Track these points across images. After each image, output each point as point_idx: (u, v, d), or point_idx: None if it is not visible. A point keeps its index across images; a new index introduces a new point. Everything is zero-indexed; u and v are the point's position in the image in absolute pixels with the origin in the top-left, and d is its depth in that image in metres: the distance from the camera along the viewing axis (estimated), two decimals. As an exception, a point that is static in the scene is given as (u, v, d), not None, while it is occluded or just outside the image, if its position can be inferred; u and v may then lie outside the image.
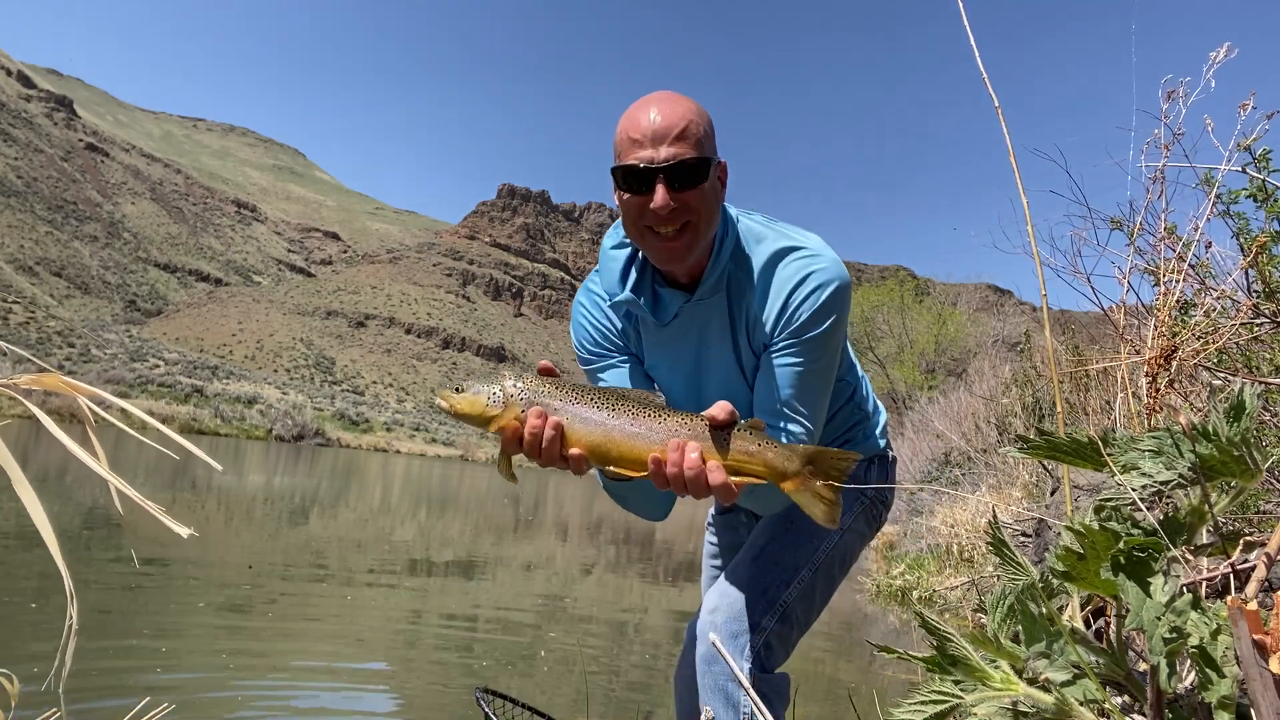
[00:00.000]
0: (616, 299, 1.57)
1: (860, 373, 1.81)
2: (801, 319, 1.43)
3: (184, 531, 0.80)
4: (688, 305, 1.53)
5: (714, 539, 2.05)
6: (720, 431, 1.22)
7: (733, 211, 1.55)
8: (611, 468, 1.23)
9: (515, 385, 1.24)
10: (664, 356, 1.62)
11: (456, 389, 1.27)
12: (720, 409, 1.22)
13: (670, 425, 1.21)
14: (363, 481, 23.57)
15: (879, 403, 1.86)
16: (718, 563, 2.03)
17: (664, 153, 1.38)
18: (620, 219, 1.58)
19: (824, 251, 1.47)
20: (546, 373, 1.29)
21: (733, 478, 1.21)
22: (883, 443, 1.79)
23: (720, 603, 1.58)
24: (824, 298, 1.43)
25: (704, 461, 1.20)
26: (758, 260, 1.49)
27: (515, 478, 1.32)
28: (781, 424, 1.45)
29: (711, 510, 2.09)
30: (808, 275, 1.44)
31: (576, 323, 1.69)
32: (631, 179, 1.41)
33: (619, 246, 1.61)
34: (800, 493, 1.23)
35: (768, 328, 1.48)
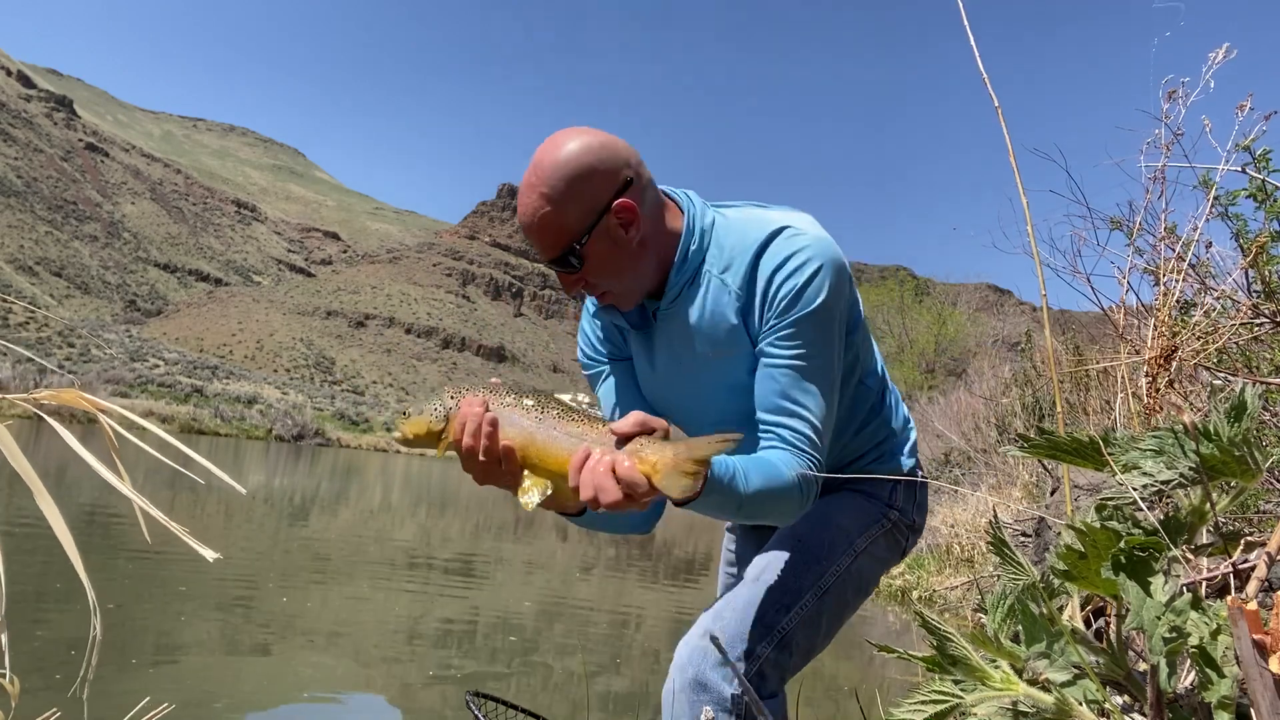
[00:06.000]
0: (596, 308, 1.55)
1: (890, 384, 1.64)
2: (784, 300, 1.33)
3: (210, 555, 0.79)
4: (661, 311, 1.46)
5: (731, 546, 1.90)
6: (624, 441, 1.14)
7: (708, 213, 1.45)
8: (533, 473, 1.20)
9: (455, 395, 1.22)
10: (650, 364, 1.55)
11: (404, 414, 1.22)
12: (626, 422, 1.13)
13: (580, 431, 1.17)
14: (363, 481, 23.57)
15: (910, 417, 1.69)
16: (733, 570, 1.88)
17: (542, 250, 1.34)
18: None
19: (810, 230, 1.37)
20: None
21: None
22: (910, 461, 1.62)
23: (713, 627, 1.45)
24: (806, 275, 1.32)
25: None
26: (741, 253, 1.39)
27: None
28: (779, 421, 1.34)
29: None
30: (791, 254, 1.34)
31: (580, 329, 1.68)
32: None
33: None
34: (663, 475, 1.11)
35: (754, 318, 1.38)
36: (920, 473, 1.62)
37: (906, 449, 1.62)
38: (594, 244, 1.33)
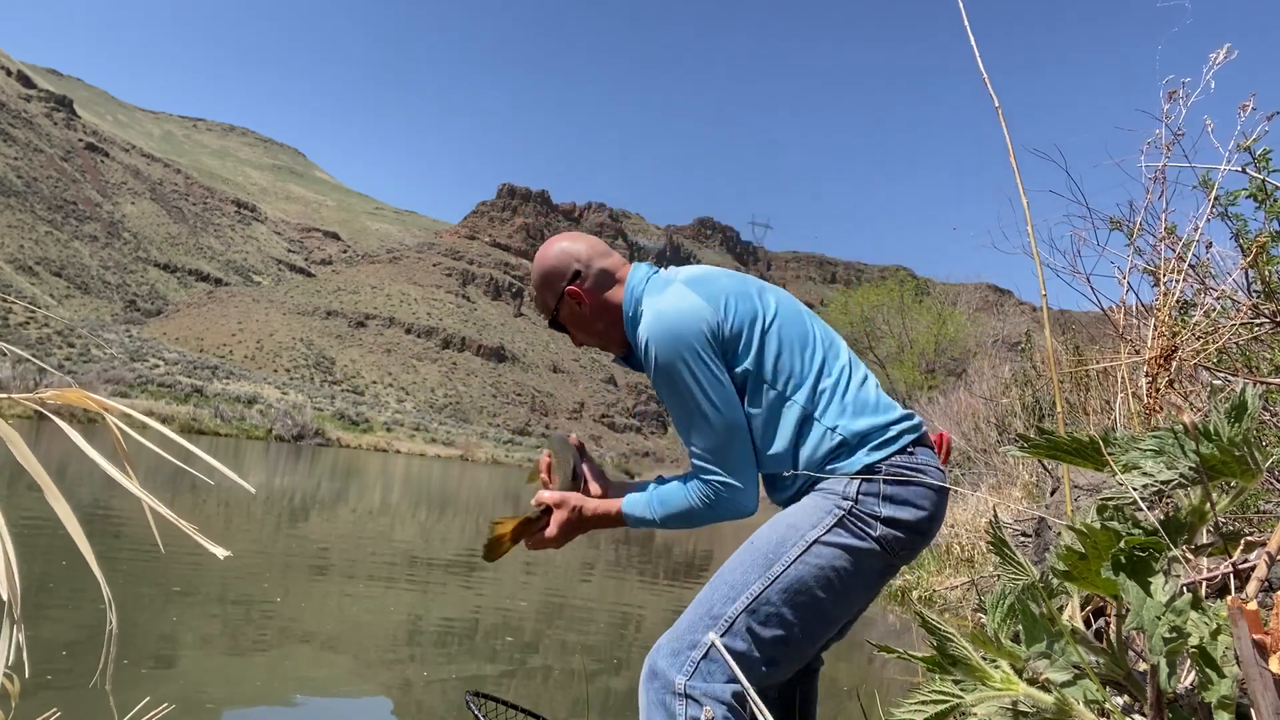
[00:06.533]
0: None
1: (839, 393, 1.66)
2: (647, 369, 1.72)
3: (221, 553, 0.80)
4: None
5: None
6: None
7: (642, 284, 1.82)
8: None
9: (547, 446, 1.91)
10: None
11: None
12: (537, 498, 1.82)
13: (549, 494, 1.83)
14: (363, 481, 23.56)
15: (897, 416, 1.69)
16: None
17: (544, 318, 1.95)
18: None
19: (653, 307, 1.71)
20: (576, 442, 1.91)
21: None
22: (874, 456, 1.61)
23: (670, 628, 1.66)
24: (643, 349, 1.71)
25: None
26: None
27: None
28: (687, 453, 1.72)
29: None
30: (637, 334, 1.75)
31: None
32: None
33: None
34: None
35: None
36: (884, 469, 1.59)
37: (868, 447, 1.62)
38: (563, 315, 1.88)
